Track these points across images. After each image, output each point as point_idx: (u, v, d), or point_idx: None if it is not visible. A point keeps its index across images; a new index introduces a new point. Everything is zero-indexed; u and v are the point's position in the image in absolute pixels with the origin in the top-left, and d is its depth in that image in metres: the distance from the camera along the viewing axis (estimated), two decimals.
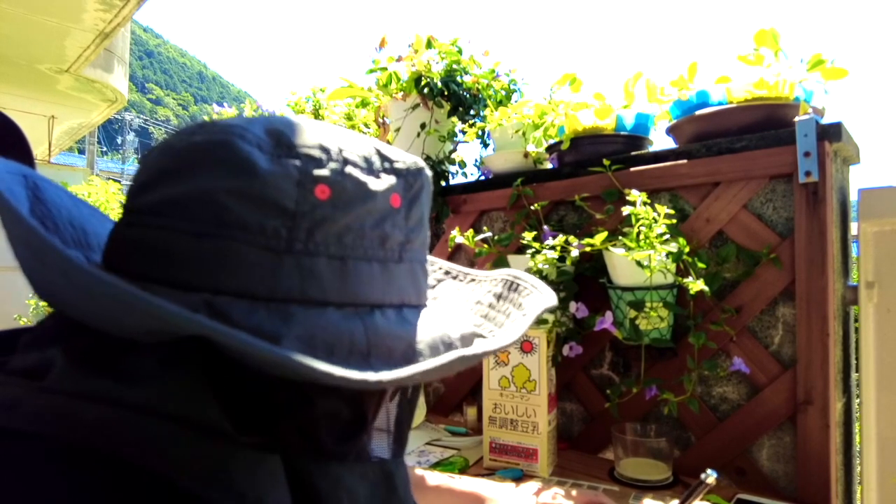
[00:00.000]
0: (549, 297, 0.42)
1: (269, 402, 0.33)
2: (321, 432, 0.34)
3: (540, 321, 1.18)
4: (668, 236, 0.97)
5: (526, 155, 1.35)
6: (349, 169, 0.34)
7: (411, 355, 0.34)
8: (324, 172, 0.33)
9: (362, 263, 0.34)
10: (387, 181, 0.36)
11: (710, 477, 0.69)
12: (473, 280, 0.47)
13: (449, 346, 0.36)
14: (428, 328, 0.36)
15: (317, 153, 0.33)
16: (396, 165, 0.37)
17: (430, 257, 0.46)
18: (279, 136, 0.33)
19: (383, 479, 0.39)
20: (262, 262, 0.31)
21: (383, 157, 0.37)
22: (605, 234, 1.03)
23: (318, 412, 0.34)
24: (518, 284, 0.44)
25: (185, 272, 0.31)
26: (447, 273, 0.49)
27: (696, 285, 0.94)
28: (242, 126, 0.33)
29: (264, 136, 0.33)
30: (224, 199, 0.31)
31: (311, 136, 0.34)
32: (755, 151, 1.00)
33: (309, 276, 0.32)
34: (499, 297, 0.44)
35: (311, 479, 0.33)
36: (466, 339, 0.37)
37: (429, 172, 0.40)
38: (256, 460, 0.31)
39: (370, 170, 0.35)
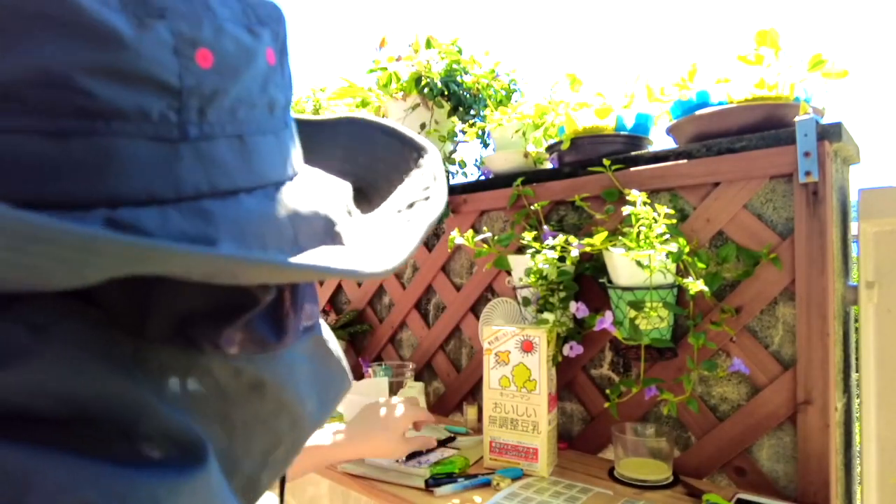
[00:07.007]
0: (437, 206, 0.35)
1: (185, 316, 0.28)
2: (250, 331, 0.31)
3: (540, 321, 1.18)
4: (668, 236, 0.97)
5: (526, 155, 1.35)
6: (224, 25, 0.27)
7: (329, 227, 0.31)
8: (200, 33, 0.26)
9: (258, 138, 0.29)
10: (260, 34, 0.29)
11: None
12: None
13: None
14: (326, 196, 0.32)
15: (182, 7, 0.25)
16: (259, 12, 0.30)
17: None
18: None
19: (318, 347, 0.37)
20: (157, 157, 0.25)
21: (244, 4, 0.29)
22: (605, 234, 1.03)
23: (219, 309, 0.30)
24: (430, 186, 0.36)
25: (52, 186, 0.22)
26: None
27: (695, 285, 0.94)
28: None
29: None
30: (83, 80, 0.23)
31: None
32: (755, 151, 1.00)
33: (212, 164, 0.26)
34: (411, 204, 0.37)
35: (260, 376, 0.31)
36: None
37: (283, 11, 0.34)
38: (176, 483, 0.25)
39: (243, 22, 0.28)
